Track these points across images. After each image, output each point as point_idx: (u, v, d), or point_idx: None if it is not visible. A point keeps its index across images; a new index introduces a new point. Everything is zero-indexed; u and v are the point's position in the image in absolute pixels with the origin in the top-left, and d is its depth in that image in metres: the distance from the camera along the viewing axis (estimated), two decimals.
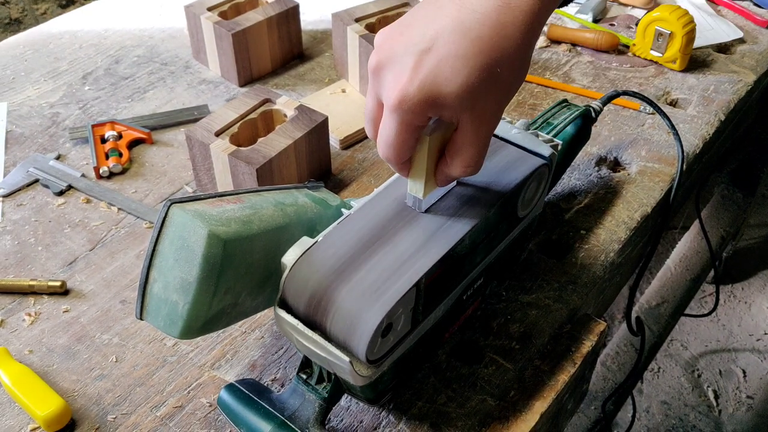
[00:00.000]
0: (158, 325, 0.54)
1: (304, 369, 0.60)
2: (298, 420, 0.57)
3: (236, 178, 0.80)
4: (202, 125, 0.82)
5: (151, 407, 0.65)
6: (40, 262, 0.78)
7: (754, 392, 1.80)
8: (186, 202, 0.53)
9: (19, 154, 0.92)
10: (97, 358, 0.69)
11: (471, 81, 0.48)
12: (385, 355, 0.54)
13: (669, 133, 0.94)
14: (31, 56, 1.10)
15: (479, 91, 0.49)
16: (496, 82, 0.49)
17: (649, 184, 0.87)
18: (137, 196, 0.86)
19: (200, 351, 0.69)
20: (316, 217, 0.61)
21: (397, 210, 0.58)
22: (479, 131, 0.52)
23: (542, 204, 0.69)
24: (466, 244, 0.58)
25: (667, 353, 1.88)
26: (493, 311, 0.72)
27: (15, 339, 0.71)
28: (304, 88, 1.03)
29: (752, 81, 1.05)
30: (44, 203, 0.85)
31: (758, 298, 2.01)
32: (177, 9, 1.20)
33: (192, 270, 0.51)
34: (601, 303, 0.86)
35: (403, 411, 0.64)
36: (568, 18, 1.18)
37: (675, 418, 1.74)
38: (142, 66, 1.08)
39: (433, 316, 0.60)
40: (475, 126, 0.51)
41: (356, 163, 0.91)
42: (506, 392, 0.65)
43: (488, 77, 0.49)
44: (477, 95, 0.49)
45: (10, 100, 1.01)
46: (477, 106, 0.50)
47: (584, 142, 0.83)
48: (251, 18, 1.00)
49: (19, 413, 0.64)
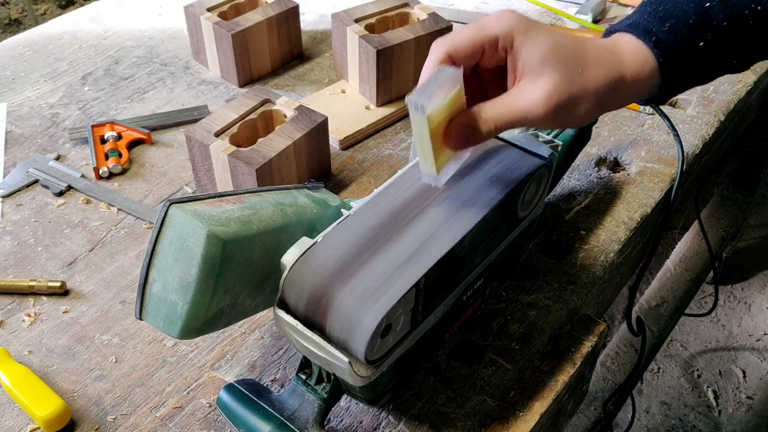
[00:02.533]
0: (157, 325, 0.54)
1: (304, 369, 0.60)
2: (298, 420, 0.57)
3: (236, 179, 0.80)
4: (202, 126, 0.82)
5: (151, 408, 0.65)
6: (39, 262, 0.78)
7: (753, 392, 1.80)
8: (185, 202, 0.53)
9: (19, 155, 0.92)
10: (96, 359, 0.69)
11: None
12: (384, 356, 0.54)
13: (669, 134, 0.94)
14: (30, 57, 1.10)
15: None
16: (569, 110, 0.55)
17: (649, 185, 0.87)
18: (137, 197, 0.86)
19: (200, 351, 0.69)
20: (316, 217, 0.61)
21: (397, 210, 0.58)
22: (558, 88, 0.54)
23: (542, 205, 0.69)
24: (465, 245, 0.58)
25: (667, 353, 1.88)
26: (492, 312, 0.72)
27: (15, 340, 0.71)
28: (304, 88, 1.03)
29: (752, 81, 1.05)
30: (44, 204, 0.85)
31: (758, 298, 2.01)
32: (177, 9, 1.20)
33: (191, 270, 0.51)
34: (601, 303, 0.86)
35: (402, 411, 0.64)
36: (568, 18, 1.18)
37: (675, 418, 1.74)
38: (141, 66, 1.08)
39: (433, 317, 0.60)
40: (552, 84, 0.54)
41: (356, 164, 0.91)
42: (506, 393, 0.65)
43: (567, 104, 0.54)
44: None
45: (9, 101, 1.01)
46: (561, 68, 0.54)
47: (585, 143, 0.83)
48: (251, 18, 1.00)
49: (18, 414, 0.64)
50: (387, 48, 0.93)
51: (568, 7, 1.20)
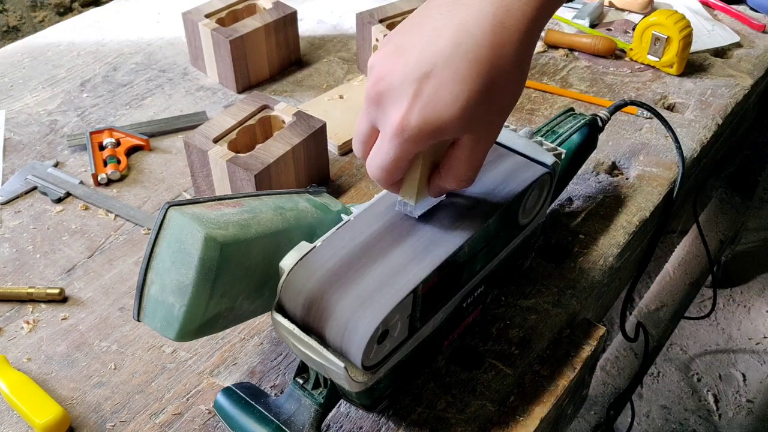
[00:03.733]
0: (155, 326, 0.54)
1: (301, 374, 0.60)
2: (294, 425, 0.57)
3: (234, 185, 0.80)
4: (201, 132, 0.82)
5: (150, 414, 0.65)
6: (38, 269, 0.78)
7: (754, 396, 1.79)
8: (184, 205, 0.53)
9: (18, 162, 0.92)
10: (95, 366, 0.69)
11: (470, 104, 0.48)
12: (381, 362, 0.54)
13: (666, 137, 0.94)
14: (29, 64, 1.10)
15: (479, 112, 0.49)
16: (494, 102, 0.50)
17: (648, 189, 0.87)
18: (135, 203, 0.86)
19: (199, 358, 0.69)
20: (316, 222, 0.61)
21: (397, 217, 0.58)
22: (476, 149, 0.52)
23: (545, 213, 0.69)
24: (465, 252, 0.58)
25: (667, 357, 1.88)
26: (492, 316, 0.72)
27: (13, 347, 0.70)
28: (302, 94, 1.04)
29: (749, 85, 1.05)
30: (42, 210, 0.85)
31: (757, 301, 2.01)
32: (175, 16, 1.20)
33: (188, 273, 0.51)
34: (601, 308, 0.86)
35: (402, 417, 0.63)
36: (566, 23, 1.18)
37: (675, 422, 1.74)
38: (140, 73, 1.08)
39: (432, 324, 0.59)
40: (473, 144, 0.52)
41: (354, 169, 0.91)
42: (506, 397, 0.65)
43: (487, 98, 0.49)
44: (477, 116, 0.49)
45: (8, 108, 1.01)
46: (476, 127, 0.50)
47: (590, 151, 0.82)
48: (249, 25, 1.00)
49: (17, 421, 0.64)
50: None
51: (565, 12, 1.20)
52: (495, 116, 0.51)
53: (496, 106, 0.50)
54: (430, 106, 0.48)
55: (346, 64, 1.09)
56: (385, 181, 0.54)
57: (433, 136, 0.49)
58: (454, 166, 0.53)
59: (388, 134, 0.50)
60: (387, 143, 0.51)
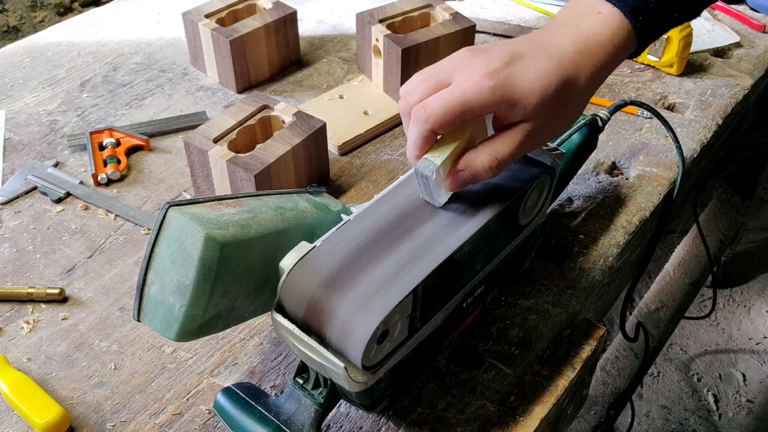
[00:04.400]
0: (155, 326, 0.54)
1: (301, 374, 0.60)
2: (294, 425, 0.57)
3: (234, 185, 0.80)
4: (201, 132, 0.82)
5: (150, 414, 0.65)
6: (38, 269, 0.78)
7: (754, 396, 1.79)
8: (184, 205, 0.53)
9: (18, 162, 0.92)
10: (95, 366, 0.69)
11: (545, 93, 0.54)
12: (380, 362, 0.54)
13: (666, 137, 0.94)
14: (29, 64, 1.10)
15: (547, 106, 0.55)
16: (562, 105, 0.56)
17: (648, 189, 0.87)
18: (135, 203, 0.86)
19: (199, 358, 0.69)
20: (316, 222, 0.61)
21: (397, 217, 0.58)
22: (525, 139, 0.56)
23: (545, 213, 0.69)
24: (465, 252, 0.58)
25: (667, 357, 1.88)
26: (492, 316, 0.72)
27: (13, 347, 0.70)
28: (302, 94, 1.04)
29: (749, 85, 1.05)
30: (42, 210, 0.85)
31: (757, 301, 2.01)
32: (175, 16, 1.20)
33: (188, 273, 0.51)
34: (601, 308, 0.86)
35: (402, 417, 0.64)
36: None
37: (675, 422, 1.74)
38: (140, 73, 1.08)
39: (432, 324, 0.59)
40: (526, 133, 0.56)
41: (354, 169, 0.91)
42: (506, 397, 0.65)
43: (558, 98, 0.55)
44: (544, 108, 0.55)
45: (8, 108, 1.01)
46: (538, 119, 0.55)
47: (590, 151, 0.82)
48: (249, 25, 1.00)
49: (17, 421, 0.64)
50: (412, 47, 0.95)
51: None
52: (556, 120, 0.57)
53: (562, 111, 0.56)
54: (514, 76, 0.54)
55: (346, 64, 1.09)
56: (434, 123, 0.55)
57: (504, 100, 0.54)
58: (498, 142, 0.56)
59: (466, 80, 0.54)
60: (460, 88, 0.54)
